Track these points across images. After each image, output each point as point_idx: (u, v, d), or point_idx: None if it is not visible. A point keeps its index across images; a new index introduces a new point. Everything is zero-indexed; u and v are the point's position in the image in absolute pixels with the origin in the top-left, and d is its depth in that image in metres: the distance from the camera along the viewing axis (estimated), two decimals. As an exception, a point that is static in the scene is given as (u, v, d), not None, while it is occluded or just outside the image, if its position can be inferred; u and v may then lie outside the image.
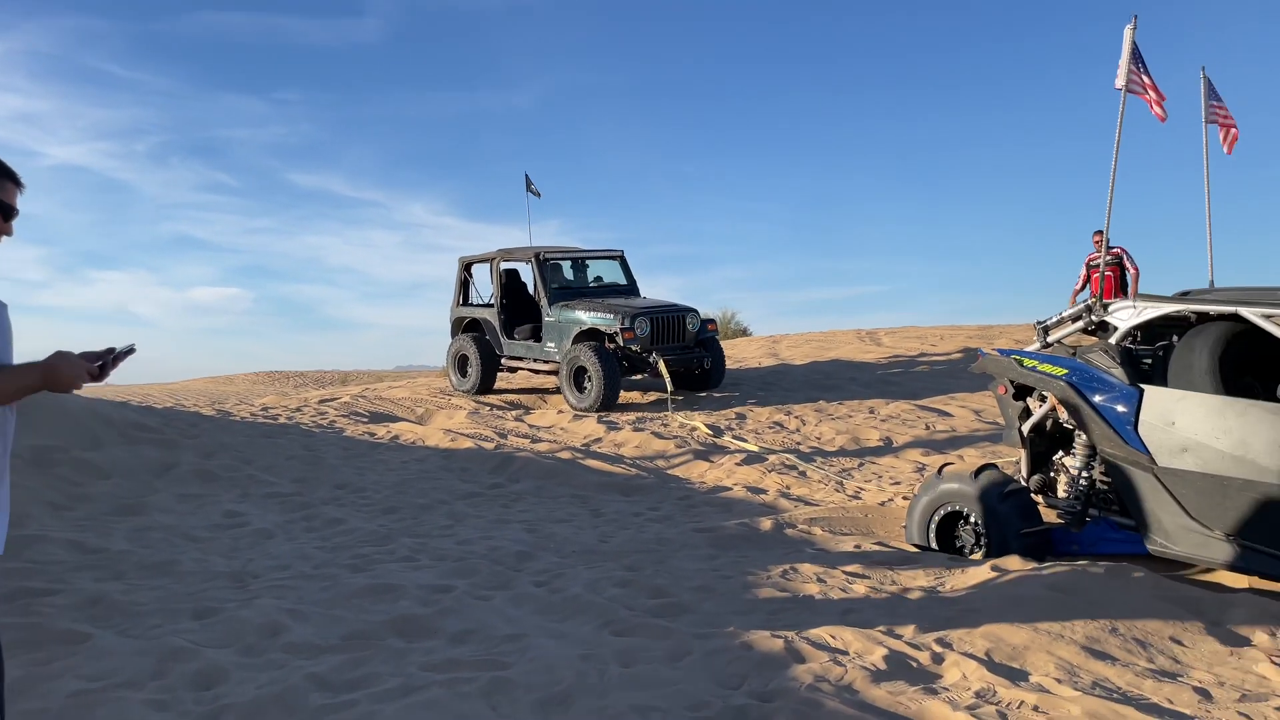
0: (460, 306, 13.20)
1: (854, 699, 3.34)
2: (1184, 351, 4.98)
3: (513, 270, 13.07)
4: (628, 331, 11.10)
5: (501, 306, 12.60)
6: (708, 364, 11.88)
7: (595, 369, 10.87)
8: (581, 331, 11.57)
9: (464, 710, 3.20)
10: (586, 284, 12.77)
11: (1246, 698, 3.41)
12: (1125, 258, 12.30)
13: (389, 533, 5.88)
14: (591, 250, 13.10)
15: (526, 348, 12.31)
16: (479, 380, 12.39)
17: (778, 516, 6.40)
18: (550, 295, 12.00)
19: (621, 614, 4.29)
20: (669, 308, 11.80)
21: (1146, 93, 5.74)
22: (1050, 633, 3.93)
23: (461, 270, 13.17)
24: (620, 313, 11.29)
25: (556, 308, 11.89)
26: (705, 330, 12.01)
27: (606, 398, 10.90)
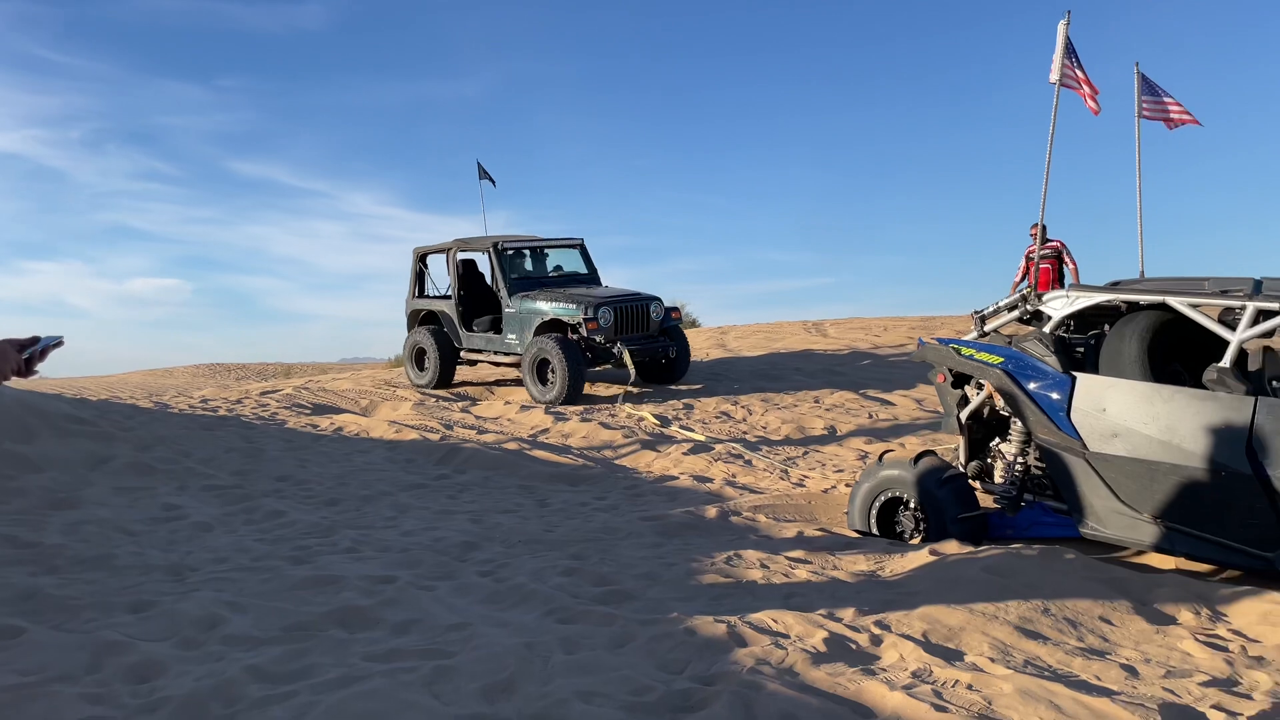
0: (416, 299, 12.90)
1: (794, 681, 3.39)
2: (1114, 340, 5.12)
3: (470, 260, 12.81)
4: (591, 322, 10.91)
5: (459, 298, 12.34)
6: (673, 353, 11.74)
7: (559, 361, 10.67)
8: (543, 323, 11.36)
9: (406, 699, 3.18)
10: (546, 273, 12.55)
11: (1171, 674, 3.53)
12: (1064, 251, 12.55)
13: (331, 525, 5.82)
14: (550, 239, 12.87)
15: (486, 340, 12.07)
16: (437, 374, 12.14)
17: (723, 504, 6.45)
18: (509, 286, 11.77)
19: (566, 602, 4.30)
20: (632, 297, 11.60)
21: (1081, 87, 5.88)
22: (985, 614, 4.03)
23: (416, 261, 12.87)
24: (583, 303, 11.09)
25: (517, 299, 11.66)
26: (669, 319, 11.85)
27: (571, 390, 10.73)
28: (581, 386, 10.91)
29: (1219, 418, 4.53)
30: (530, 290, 11.78)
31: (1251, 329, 4.62)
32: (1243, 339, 4.63)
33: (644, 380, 11.49)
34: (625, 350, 10.94)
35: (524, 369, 11.15)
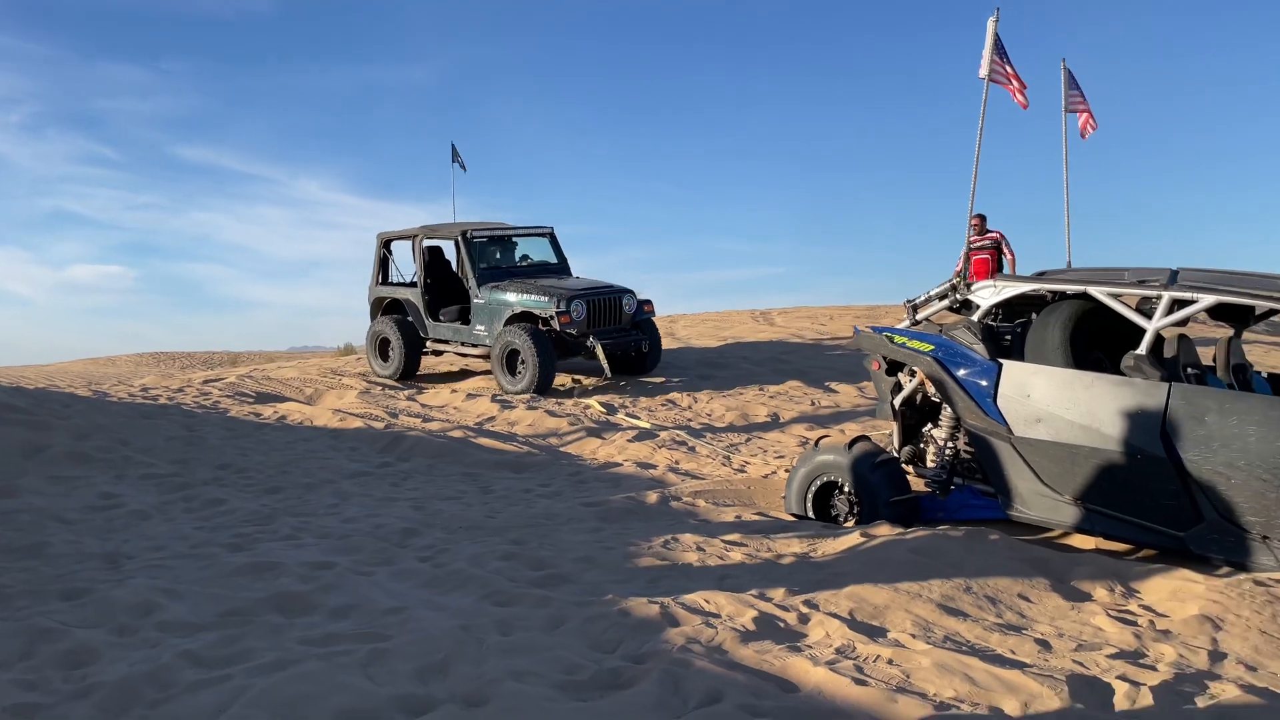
0: (380, 286, 12.55)
1: (723, 658, 3.49)
2: (1039, 328, 5.29)
3: (436, 248, 12.47)
4: (564, 315, 10.71)
5: (425, 286, 12.03)
6: (645, 346, 11.53)
7: (530, 352, 10.49)
8: (513, 314, 11.12)
9: (341, 681, 3.23)
10: (514, 262, 12.27)
11: (1082, 647, 3.69)
12: (1003, 242, 12.79)
13: (272, 512, 5.81)
14: (520, 227, 12.59)
15: (453, 330, 11.80)
16: (402, 364, 11.83)
17: (664, 490, 6.55)
18: (478, 276, 11.50)
19: (503, 585, 4.36)
20: (605, 289, 11.39)
21: (1009, 82, 6.04)
22: (909, 592, 4.17)
23: (380, 248, 12.51)
24: (555, 295, 10.87)
25: (486, 289, 11.41)
26: (641, 311, 11.64)
27: (541, 381, 10.55)
28: (552, 378, 10.73)
29: (1135, 403, 4.71)
30: (499, 280, 11.52)
31: (1166, 317, 4.81)
32: (1158, 327, 4.82)
33: (616, 373, 11.29)
34: (598, 344, 10.78)
35: (493, 360, 10.93)
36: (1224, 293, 4.70)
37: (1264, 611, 3.97)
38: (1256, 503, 4.40)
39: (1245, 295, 4.66)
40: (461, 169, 13.96)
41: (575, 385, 11.18)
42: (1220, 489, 4.49)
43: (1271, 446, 4.34)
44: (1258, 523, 4.43)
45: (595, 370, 11.39)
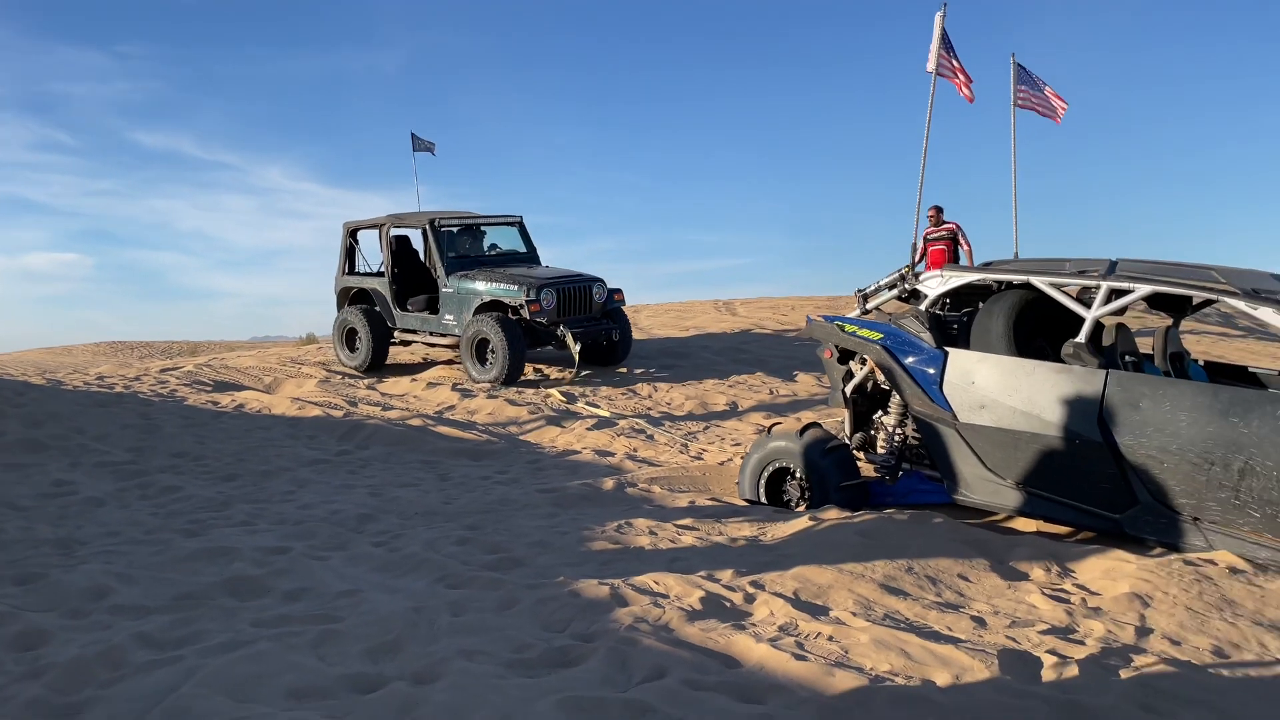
0: (346, 276, 12.46)
1: (669, 636, 3.58)
2: (983, 317, 5.43)
3: (403, 237, 12.41)
4: (534, 304, 10.67)
5: (393, 276, 11.95)
6: (615, 336, 11.53)
7: (499, 341, 10.46)
8: (483, 304, 11.08)
9: (291, 661, 3.28)
10: (483, 252, 12.20)
11: (1016, 624, 3.83)
12: (960, 233, 12.98)
13: (227, 499, 5.83)
14: (489, 216, 12.52)
15: (421, 320, 11.73)
16: (369, 355, 11.72)
17: (621, 477, 6.63)
18: (447, 265, 11.44)
19: (457, 569, 4.43)
20: (575, 278, 11.35)
21: (956, 76, 6.17)
22: (853, 573, 4.28)
23: (347, 237, 12.41)
24: (525, 284, 10.85)
25: (454, 278, 11.35)
26: (612, 300, 11.62)
27: (511, 370, 10.54)
28: (522, 368, 10.72)
29: (1074, 389, 4.86)
30: (468, 269, 11.46)
31: (1105, 306, 4.96)
32: (1097, 315, 4.97)
33: (586, 363, 11.28)
34: (568, 333, 10.75)
35: (462, 350, 10.88)
36: (1159, 283, 4.86)
37: (1191, 589, 4.13)
38: (1187, 486, 4.56)
39: (1180, 285, 4.82)
40: (430, 153, 13.91)
41: (540, 376, 11.22)
42: (1154, 473, 4.65)
43: (1202, 431, 4.51)
44: (1189, 505, 4.59)
45: (564, 360, 11.42)
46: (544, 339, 11.10)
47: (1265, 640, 3.73)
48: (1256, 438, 4.36)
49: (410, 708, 2.96)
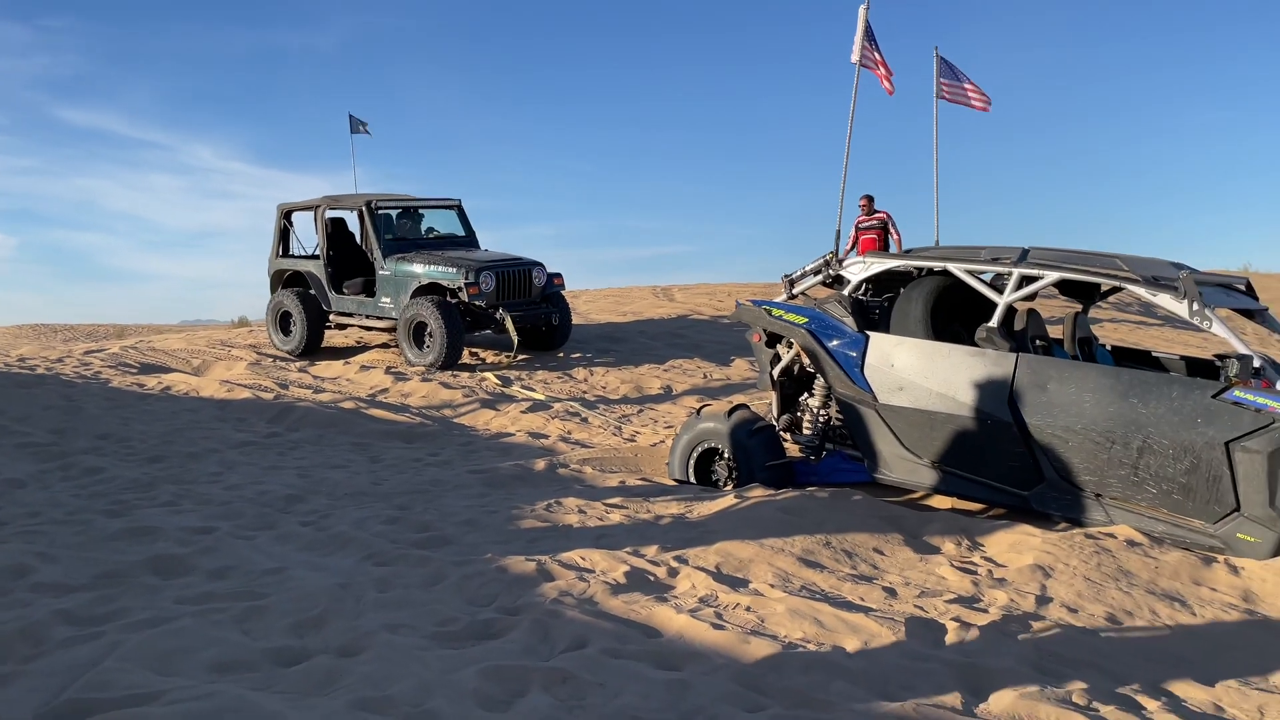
0: (280, 258, 12.25)
1: (592, 609, 3.68)
2: (903, 302, 5.61)
3: (339, 219, 12.22)
4: (473, 287, 10.57)
5: (328, 258, 11.77)
6: (555, 320, 11.49)
7: (437, 325, 10.35)
8: (420, 286, 10.96)
9: (214, 636, 3.30)
10: (421, 235, 12.08)
11: (925, 594, 4.00)
12: (890, 223, 13.24)
13: (152, 480, 5.77)
14: (426, 199, 12.39)
15: (358, 303, 11.58)
16: (304, 339, 11.53)
17: (553, 458, 6.71)
18: (384, 247, 11.30)
19: (384, 547, 4.47)
20: (514, 261, 11.30)
21: (878, 68, 6.34)
22: (773, 547, 4.42)
23: (281, 219, 12.19)
24: (464, 266, 10.75)
25: (391, 260, 11.21)
26: (552, 285, 11.57)
27: (449, 355, 10.43)
28: (460, 351, 10.64)
29: (986, 372, 5.06)
30: (406, 252, 11.34)
31: (1016, 292, 5.17)
32: (1008, 301, 5.17)
33: (525, 347, 11.25)
34: (508, 316, 10.68)
35: (399, 333, 10.76)
36: (1067, 270, 5.08)
37: (1090, 561, 4.35)
38: (1090, 463, 4.79)
39: (1086, 272, 5.04)
40: (366, 134, 13.78)
41: (477, 360, 11.22)
42: (1059, 451, 4.87)
43: (1104, 411, 4.73)
44: (1092, 481, 4.82)
45: (502, 344, 11.42)
46: (483, 323, 11.03)
47: (1156, 608, 3.95)
48: (1154, 417, 4.60)
49: (334, 679, 3.01)
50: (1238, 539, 4.46)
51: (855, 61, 6.14)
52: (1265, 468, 4.33)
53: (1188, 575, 4.30)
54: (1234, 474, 4.42)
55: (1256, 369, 4.53)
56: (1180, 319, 4.73)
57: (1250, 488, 4.39)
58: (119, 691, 2.85)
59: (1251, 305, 5.35)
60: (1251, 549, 4.42)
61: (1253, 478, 4.37)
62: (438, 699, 2.85)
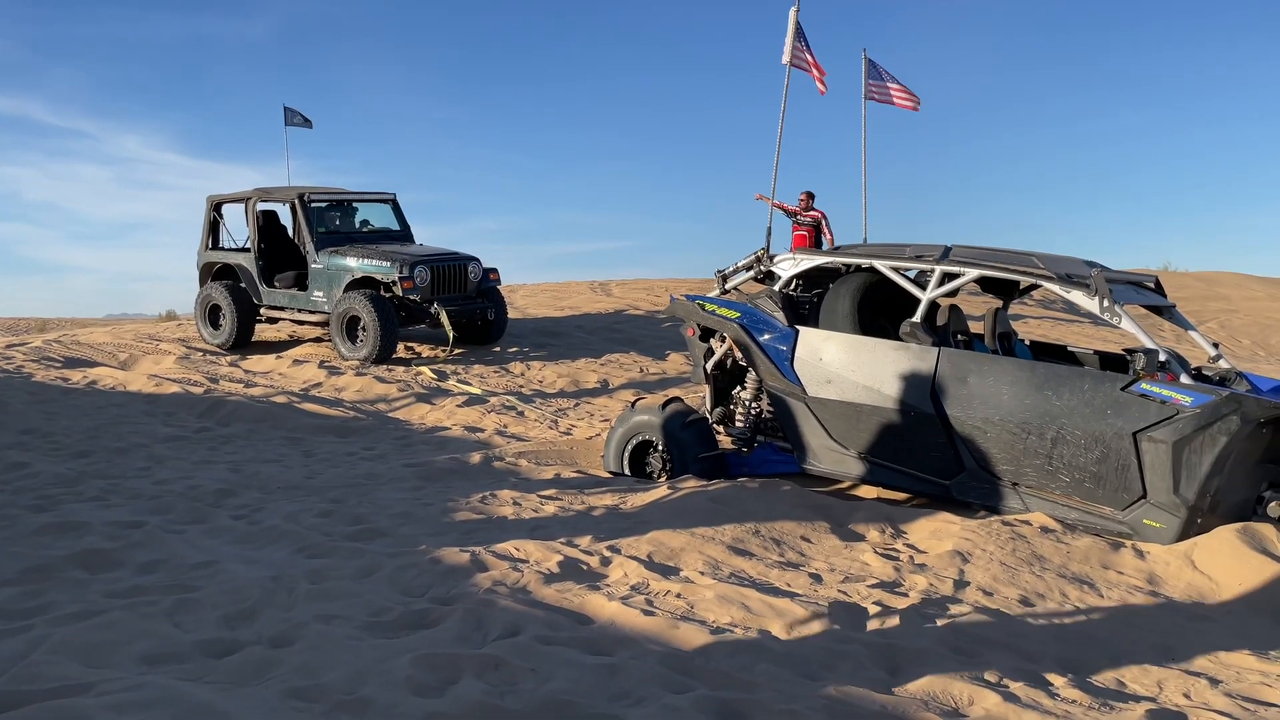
0: (209, 251, 12.06)
1: (525, 598, 3.74)
2: (831, 298, 5.76)
3: (271, 212, 12.06)
4: (407, 281, 10.54)
5: (260, 251, 11.63)
6: (491, 315, 11.48)
7: (370, 319, 10.29)
8: (353, 280, 10.88)
9: (145, 628, 3.30)
10: (355, 228, 12.02)
11: (849, 579, 4.14)
12: (824, 222, 13.44)
13: (79, 475, 5.68)
14: (361, 193, 12.34)
15: (290, 297, 11.45)
16: (234, 332, 11.34)
17: (489, 451, 6.74)
18: (317, 240, 11.19)
19: (318, 540, 4.47)
20: (450, 255, 11.28)
21: (811, 69, 6.49)
22: (704, 536, 4.53)
23: (210, 211, 12.01)
24: (398, 260, 10.70)
25: (324, 254, 11.11)
26: (487, 280, 11.58)
27: (383, 349, 10.38)
28: (394, 345, 10.59)
29: (909, 366, 5.23)
30: (339, 246, 11.25)
31: (938, 289, 5.35)
32: (931, 297, 5.35)
33: (461, 342, 11.24)
34: (442, 310, 10.64)
35: (332, 327, 10.68)
36: (986, 267, 5.27)
37: (1006, 547, 4.54)
38: (1007, 453, 4.98)
39: (1003, 270, 5.24)
40: (306, 126, 13.68)
41: (413, 354, 11.16)
42: (978, 442, 5.06)
43: (1021, 404, 4.93)
44: (1009, 471, 5.02)
45: (437, 338, 11.36)
46: (417, 317, 10.99)
47: (1067, 590, 4.15)
48: (1067, 409, 4.80)
49: (266, 669, 3.03)
50: (1144, 524, 4.69)
51: (786, 62, 6.29)
52: (1170, 456, 4.56)
53: (1097, 560, 4.51)
54: (1141, 463, 4.64)
55: (1162, 363, 4.76)
56: (1092, 315, 4.95)
57: (1156, 476, 4.62)
58: (48, 684, 2.83)
59: (1160, 302, 5.60)
60: (1157, 534, 4.65)
61: (1158, 466, 4.60)
62: (371, 686, 2.89)
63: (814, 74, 6.42)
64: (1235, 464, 4.56)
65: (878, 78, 7.88)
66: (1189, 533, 4.58)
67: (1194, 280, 25.35)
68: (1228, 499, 4.64)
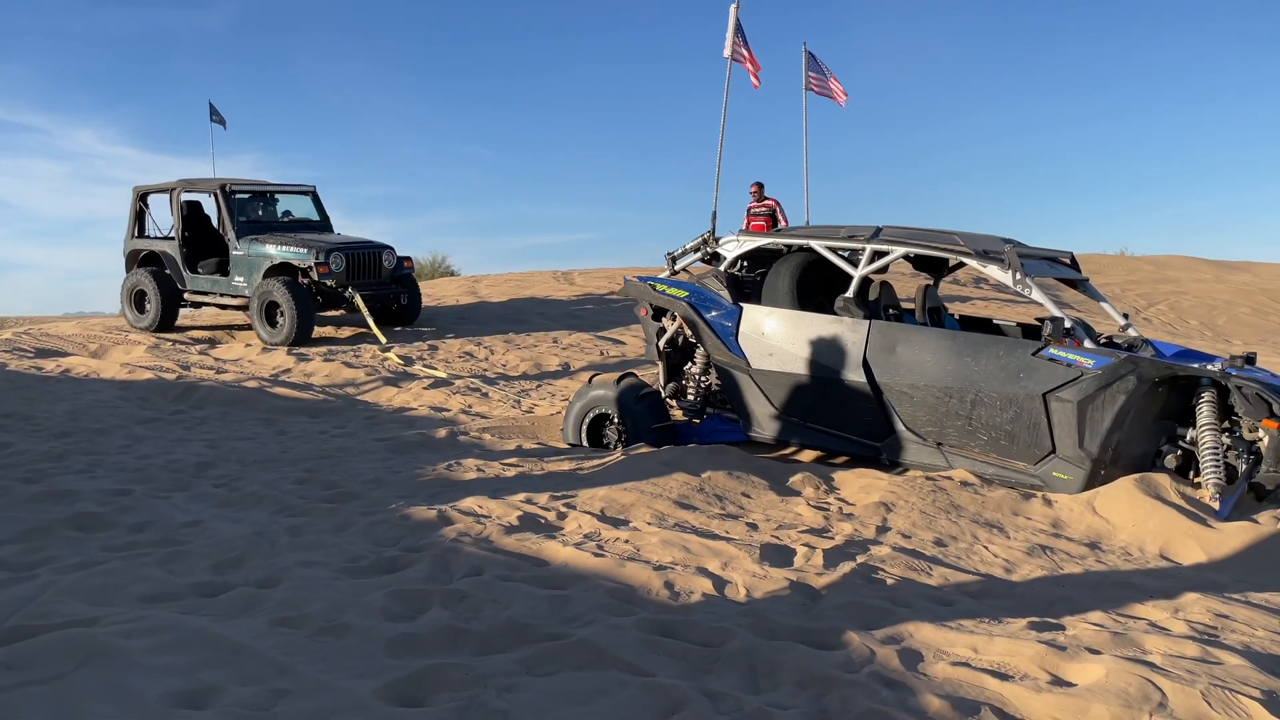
0: (135, 239, 12.76)
1: (488, 545, 4.13)
2: (772, 276, 6.18)
3: (195, 203, 12.77)
4: (322, 266, 11.18)
5: (183, 239, 12.29)
6: (404, 300, 12.15)
7: (287, 303, 10.90)
8: (272, 266, 11.53)
9: (142, 574, 3.64)
10: (276, 219, 12.67)
11: (782, 527, 4.57)
12: (779, 210, 13.88)
13: (64, 452, 5.97)
14: (281, 184, 13.02)
15: (212, 282, 12.11)
16: (159, 316, 12.05)
17: (454, 427, 7.11)
18: (238, 228, 11.86)
19: (295, 502, 4.83)
20: (364, 244, 11.97)
21: (746, 63, 6.90)
22: (652, 494, 4.94)
23: (136, 200, 12.71)
24: (314, 247, 11.35)
25: (245, 241, 11.76)
26: (401, 267, 12.25)
27: (300, 332, 10.98)
28: (310, 329, 11.21)
29: (843, 338, 5.67)
30: (259, 234, 11.90)
31: (869, 266, 5.78)
32: (862, 274, 5.79)
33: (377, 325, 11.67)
34: (357, 294, 11.27)
35: (252, 311, 11.31)
36: (911, 245, 5.72)
37: (927, 498, 4.99)
38: (932, 415, 5.44)
39: (926, 247, 5.68)
40: (222, 126, 14.41)
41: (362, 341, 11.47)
42: (906, 406, 5.51)
43: (943, 370, 5.38)
44: (933, 432, 5.47)
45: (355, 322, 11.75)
46: (334, 302, 11.65)
47: (977, 533, 4.60)
48: (984, 374, 5.26)
49: (255, 603, 3.40)
50: (1054, 477, 5.16)
51: (727, 56, 6.68)
52: (1075, 414, 5.03)
53: (1009, 508, 4.97)
54: (1050, 421, 5.11)
55: (1068, 329, 5.23)
56: (1006, 287, 5.40)
57: (1063, 432, 5.09)
58: (59, 619, 3.17)
59: (1074, 276, 6.08)
60: (1065, 485, 5.13)
61: (1065, 423, 5.07)
62: (349, 615, 3.27)
63: (748, 68, 6.83)
64: (1135, 420, 5.04)
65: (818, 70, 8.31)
66: (1094, 483, 5.05)
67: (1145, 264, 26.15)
68: (1129, 452, 5.12)
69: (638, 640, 3.08)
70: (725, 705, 2.69)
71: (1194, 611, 3.58)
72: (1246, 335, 18.04)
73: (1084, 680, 2.89)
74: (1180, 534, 4.48)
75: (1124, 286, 22.42)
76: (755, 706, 2.67)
